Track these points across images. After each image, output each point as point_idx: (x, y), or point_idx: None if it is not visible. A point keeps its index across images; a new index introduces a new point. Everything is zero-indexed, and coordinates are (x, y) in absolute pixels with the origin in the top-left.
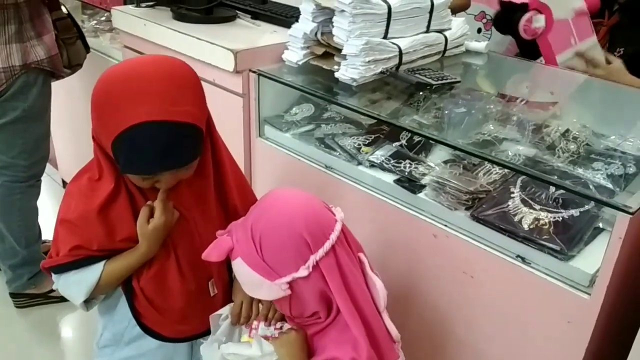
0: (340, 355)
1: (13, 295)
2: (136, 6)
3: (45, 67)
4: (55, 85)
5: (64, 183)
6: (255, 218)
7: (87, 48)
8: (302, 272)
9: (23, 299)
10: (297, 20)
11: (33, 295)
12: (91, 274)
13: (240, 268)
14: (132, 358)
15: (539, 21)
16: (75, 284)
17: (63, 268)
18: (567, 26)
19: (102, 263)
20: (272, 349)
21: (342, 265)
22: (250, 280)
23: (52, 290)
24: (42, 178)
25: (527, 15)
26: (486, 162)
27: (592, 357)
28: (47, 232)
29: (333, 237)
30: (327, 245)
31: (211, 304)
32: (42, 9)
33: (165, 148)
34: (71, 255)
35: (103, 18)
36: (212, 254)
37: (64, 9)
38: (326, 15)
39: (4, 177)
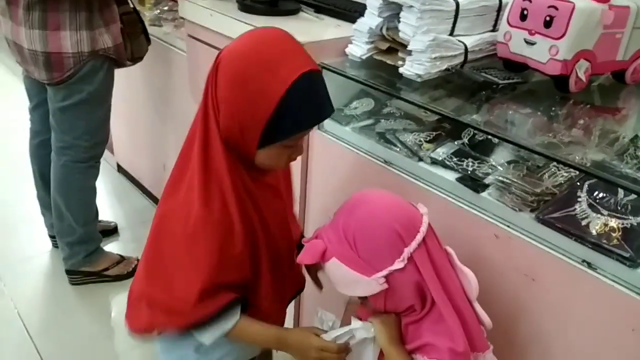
0: (437, 343)
1: (68, 272)
2: None
3: (111, 55)
4: (118, 73)
5: (119, 167)
6: (345, 218)
7: (148, 41)
8: (398, 264)
9: (78, 276)
10: (361, 15)
11: (87, 273)
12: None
13: (335, 268)
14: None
15: None
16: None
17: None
18: None
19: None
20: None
21: (433, 257)
22: (346, 279)
23: (106, 269)
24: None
25: None
26: (551, 165)
27: None
28: (103, 213)
29: (423, 229)
30: (419, 237)
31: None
32: (110, 1)
33: (327, 92)
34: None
35: (166, 7)
36: (305, 257)
37: (130, 4)
38: (392, 11)
39: (66, 157)
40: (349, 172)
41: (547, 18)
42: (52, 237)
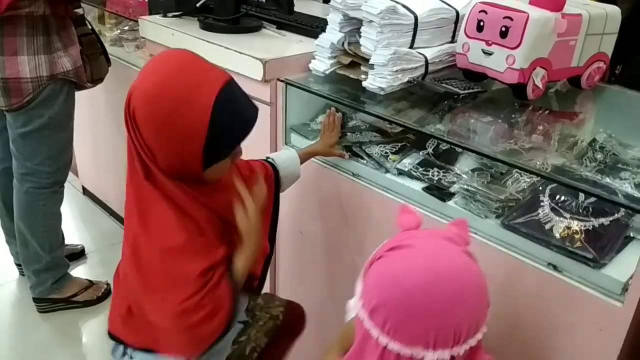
0: None
1: (36, 300)
2: (163, 16)
3: (70, 78)
4: (80, 95)
5: (84, 190)
6: None
7: (108, 62)
8: None
9: (46, 303)
10: (323, 31)
11: (56, 300)
12: None
13: None
14: None
15: None
16: None
17: None
18: None
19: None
20: None
21: None
22: None
23: (75, 295)
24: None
25: None
26: (514, 171)
27: None
28: (69, 237)
29: None
30: None
31: None
32: (68, 23)
33: (246, 96)
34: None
35: (127, 27)
36: None
37: (88, 25)
38: (353, 26)
39: (29, 184)
40: (319, 186)
41: (503, 28)
42: (18, 265)
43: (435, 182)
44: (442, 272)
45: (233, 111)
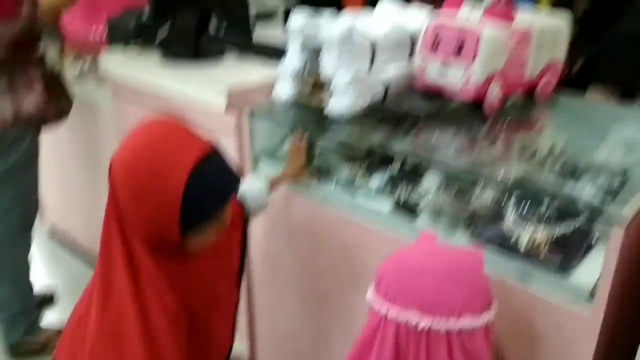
0: None
1: (11, 346)
2: (123, 50)
3: (34, 120)
4: (43, 134)
5: (51, 232)
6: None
7: (71, 100)
8: None
9: (19, 350)
10: (284, 57)
11: (30, 346)
12: None
13: None
14: None
15: None
16: None
17: None
18: None
19: None
20: None
21: None
22: None
23: (48, 341)
24: None
25: None
26: (479, 183)
27: None
28: (39, 281)
29: None
30: None
31: None
32: (29, 65)
33: (226, 165)
34: None
35: (87, 64)
36: None
37: (49, 65)
38: (313, 51)
39: None
40: (287, 211)
41: (457, 46)
42: None
43: (403, 199)
44: (436, 251)
45: (208, 181)
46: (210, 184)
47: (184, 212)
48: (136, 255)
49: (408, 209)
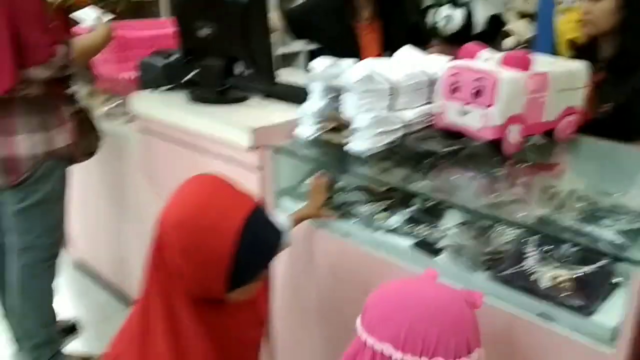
0: None
1: None
2: (152, 91)
3: (65, 155)
4: (72, 169)
5: (75, 263)
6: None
7: (100, 137)
8: None
9: None
10: (306, 99)
11: None
12: None
13: None
14: None
15: None
16: None
17: None
18: None
19: None
20: None
21: None
22: None
23: None
24: None
25: None
26: (499, 224)
27: None
28: (63, 311)
29: None
30: None
31: None
32: (61, 102)
33: (271, 223)
34: None
35: (116, 103)
36: None
37: (80, 103)
38: (333, 93)
39: (26, 259)
40: (308, 247)
41: (476, 89)
42: (14, 341)
43: (423, 238)
44: (426, 289)
45: (257, 239)
46: (257, 245)
47: (232, 271)
48: (176, 303)
49: (428, 247)
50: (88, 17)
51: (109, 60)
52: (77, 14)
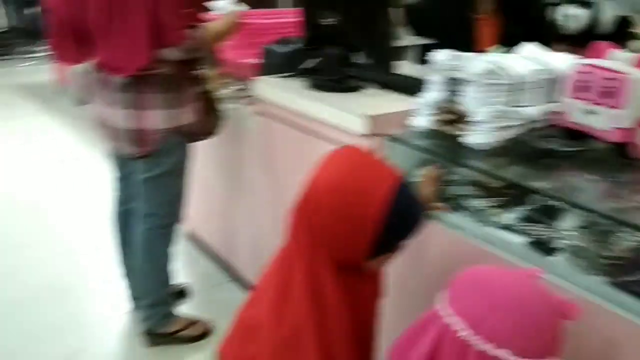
0: None
1: (145, 333)
2: (273, 77)
3: (189, 131)
4: (194, 147)
5: (188, 233)
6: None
7: (222, 118)
8: None
9: (153, 337)
10: (422, 90)
11: (162, 335)
12: None
13: None
14: None
15: None
16: None
17: None
18: None
19: None
20: None
21: None
22: None
23: (180, 331)
24: None
25: None
26: (621, 230)
27: None
28: (175, 276)
29: None
30: None
31: None
32: (188, 83)
33: (415, 195)
34: None
35: (236, 87)
36: None
37: (205, 85)
38: (453, 85)
39: (148, 223)
40: (419, 238)
41: (606, 89)
42: (132, 299)
43: (539, 237)
44: (520, 283)
45: (406, 208)
46: (405, 214)
47: (378, 237)
48: (320, 269)
49: (543, 246)
50: (222, 6)
51: (233, 46)
52: (213, 3)
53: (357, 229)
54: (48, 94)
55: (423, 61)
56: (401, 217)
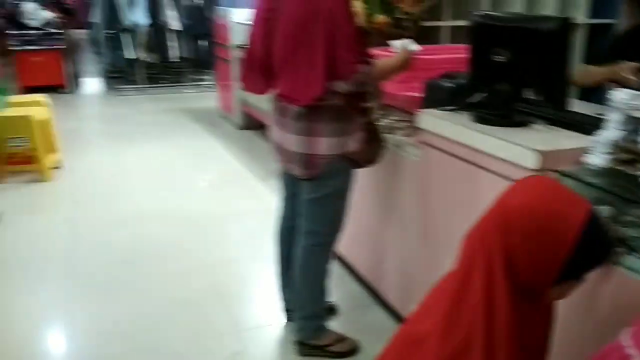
0: None
1: (298, 343)
2: (437, 106)
3: (353, 158)
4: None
5: (340, 256)
6: None
7: (383, 147)
8: None
9: (305, 348)
10: (597, 128)
11: (313, 346)
12: None
13: None
14: None
15: None
16: None
17: None
18: None
19: None
20: None
21: None
22: None
23: (329, 345)
24: None
25: None
26: None
27: None
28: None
29: None
30: None
31: None
32: (356, 114)
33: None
34: None
35: (397, 117)
36: None
37: (370, 115)
38: (634, 125)
39: (309, 241)
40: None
41: None
42: (286, 311)
43: None
44: None
45: (598, 237)
46: (597, 242)
47: (569, 262)
48: (496, 289)
49: None
50: (398, 44)
51: (395, 79)
52: (393, 42)
53: (550, 248)
54: (213, 118)
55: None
56: (593, 245)
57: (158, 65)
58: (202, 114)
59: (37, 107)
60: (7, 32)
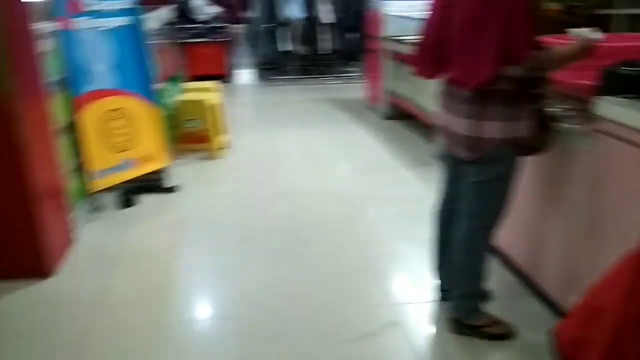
0: None
1: (451, 320)
2: (615, 95)
3: (521, 145)
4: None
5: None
6: None
7: (554, 136)
8: None
9: (461, 326)
10: None
11: (467, 326)
12: None
13: None
14: None
15: None
16: None
17: None
18: None
19: None
20: None
21: None
22: None
23: (484, 327)
24: None
25: None
26: None
27: None
28: None
29: None
30: None
31: None
32: (526, 100)
33: None
34: None
35: (569, 106)
36: None
37: (541, 102)
38: None
39: (471, 222)
40: None
41: None
42: (442, 291)
43: None
44: None
45: None
46: None
47: None
48: None
49: None
50: (579, 32)
51: (569, 66)
52: (572, 30)
53: None
54: (359, 108)
55: None
56: None
57: (309, 57)
58: (348, 104)
59: (208, 93)
60: (179, 26)
